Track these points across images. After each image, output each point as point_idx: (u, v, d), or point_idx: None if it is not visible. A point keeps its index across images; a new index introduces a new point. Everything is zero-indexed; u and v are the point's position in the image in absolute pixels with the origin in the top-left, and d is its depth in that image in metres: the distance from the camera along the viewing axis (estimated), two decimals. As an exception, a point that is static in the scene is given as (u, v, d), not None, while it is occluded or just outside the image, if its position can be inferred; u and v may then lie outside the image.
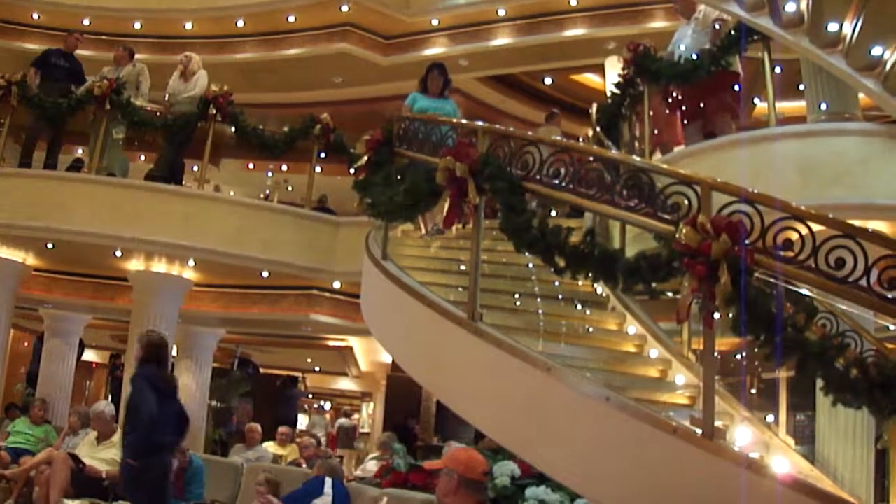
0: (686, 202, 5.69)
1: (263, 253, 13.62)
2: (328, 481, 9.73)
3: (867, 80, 8.88)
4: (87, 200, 13.23)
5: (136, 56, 15.50)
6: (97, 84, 13.83)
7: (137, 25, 20.14)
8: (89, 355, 25.02)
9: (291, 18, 19.73)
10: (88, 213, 13.12)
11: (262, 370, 25.81)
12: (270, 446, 15.37)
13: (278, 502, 9.90)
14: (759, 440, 7.48)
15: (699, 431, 5.39)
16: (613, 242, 9.27)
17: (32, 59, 15.22)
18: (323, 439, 16.45)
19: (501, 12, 18.67)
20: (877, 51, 8.63)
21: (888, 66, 8.61)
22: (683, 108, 11.21)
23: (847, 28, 8.65)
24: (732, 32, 10.41)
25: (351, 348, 23.63)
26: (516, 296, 8.78)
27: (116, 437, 11.32)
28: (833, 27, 8.81)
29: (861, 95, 9.77)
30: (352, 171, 10.12)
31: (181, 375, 17.74)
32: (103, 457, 11.07)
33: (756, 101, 14.42)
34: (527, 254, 7.06)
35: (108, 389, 24.71)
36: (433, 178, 7.40)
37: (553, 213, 11.26)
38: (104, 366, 27.23)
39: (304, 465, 13.41)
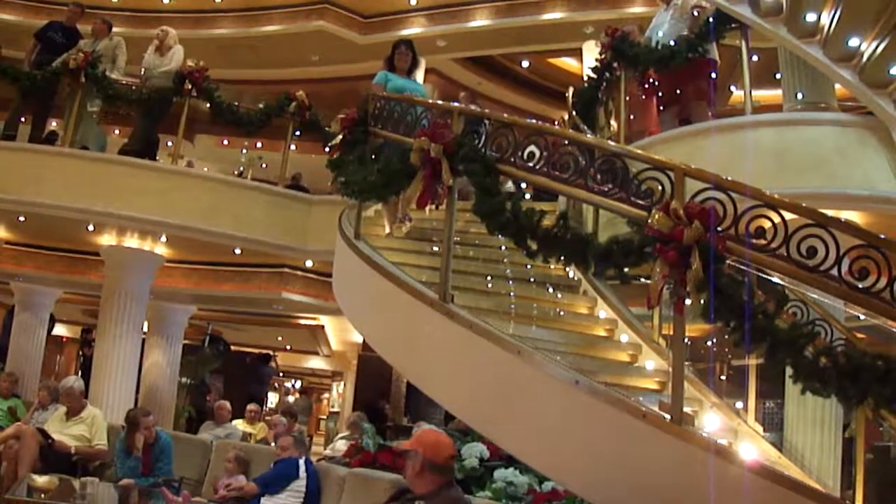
0: (660, 188, 5.70)
1: (236, 230, 13.55)
2: (302, 463, 9.69)
3: (844, 70, 8.94)
4: (59, 174, 13.12)
5: (114, 29, 15.39)
6: (72, 57, 13.74)
7: (115, -1, 20.05)
8: (60, 330, 25.05)
9: (269, -6, 19.69)
10: (61, 186, 13.01)
11: (232, 348, 25.79)
12: (240, 424, 15.37)
13: (245, 480, 9.88)
14: (728, 426, 7.51)
15: (668, 417, 5.40)
16: (586, 226, 9.29)
17: (7, 29, 15.10)
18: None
19: (480, -7, 18.68)
20: (854, 42, 8.67)
21: (865, 58, 8.65)
22: (660, 94, 11.23)
23: (825, 18, 8.69)
24: (710, 20, 10.43)
25: (322, 327, 23.68)
26: (488, 278, 8.79)
27: (86, 412, 11.30)
28: (811, 17, 8.85)
29: (837, 85, 9.80)
30: (327, 149, 10.07)
31: (151, 351, 17.77)
32: (72, 432, 11.03)
33: (732, 88, 14.47)
34: (499, 236, 7.06)
35: (78, 364, 24.64)
36: (407, 158, 7.39)
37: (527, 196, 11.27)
38: (75, 340, 27.16)
39: (273, 444, 13.42)
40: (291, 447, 9.90)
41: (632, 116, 11.38)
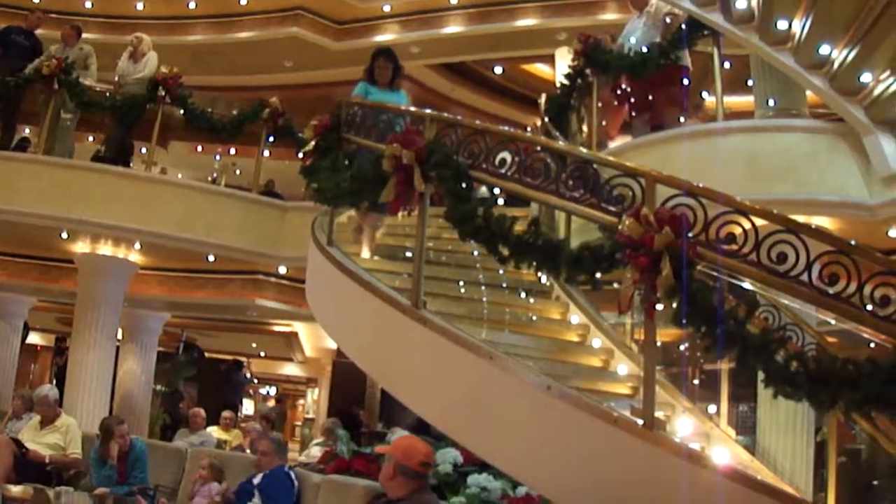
0: (631, 194, 5.72)
1: (209, 236, 13.55)
2: (289, 471, 9.51)
3: (815, 77, 8.99)
4: (33, 181, 13.08)
5: (87, 36, 15.34)
6: (45, 63, 13.71)
7: (88, 5, 19.99)
8: (34, 338, 24.92)
9: (243, 1, 19.65)
10: (34, 193, 12.97)
11: (207, 354, 25.73)
12: (214, 431, 15.33)
13: (218, 486, 9.84)
14: (701, 431, 7.56)
15: (640, 421, 5.42)
16: (558, 232, 9.31)
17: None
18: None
19: (453, 0, 18.66)
20: (825, 49, 8.71)
21: (836, 65, 8.70)
22: (632, 100, 11.27)
23: (796, 26, 8.73)
24: (683, 27, 10.48)
25: (296, 334, 23.65)
26: (461, 283, 8.81)
27: (60, 421, 11.25)
28: (782, 25, 8.88)
29: (808, 92, 9.85)
30: (300, 155, 10.04)
31: (126, 359, 17.70)
32: (46, 441, 10.98)
33: (704, 95, 14.51)
34: (472, 242, 7.06)
35: (52, 373, 24.54)
36: (380, 164, 7.39)
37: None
38: (49, 349, 27.05)
39: (248, 451, 13.39)
40: (272, 453, 9.54)
41: (604, 122, 11.42)
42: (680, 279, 5.16)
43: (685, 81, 10.87)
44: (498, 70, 21.80)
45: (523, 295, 9.17)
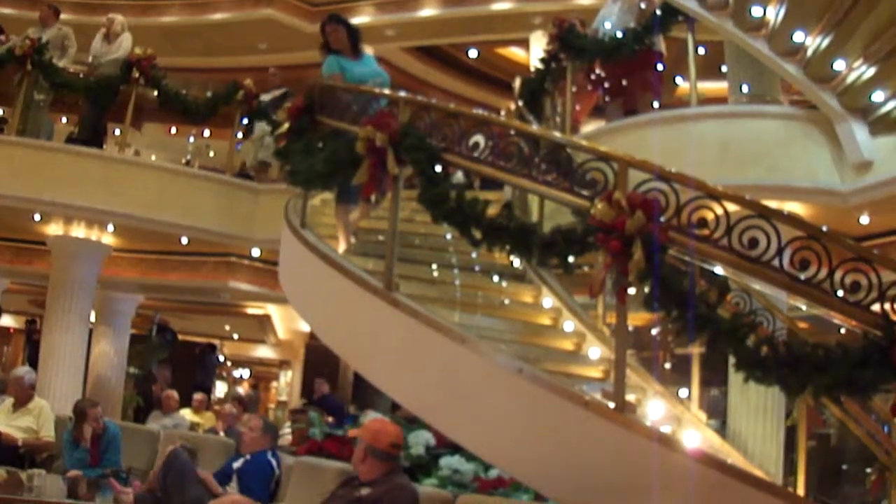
0: (603, 178, 5.74)
1: (183, 219, 13.52)
2: (272, 458, 9.35)
3: (789, 65, 9.04)
4: (5, 162, 12.99)
5: (61, 16, 15.27)
6: (18, 44, 13.63)
7: (62, -15, 19.89)
8: (6, 320, 24.84)
9: (218, -18, 19.61)
10: (7, 175, 12.88)
11: (180, 337, 25.67)
12: (188, 413, 15.32)
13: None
14: (672, 414, 7.58)
15: (611, 404, 5.43)
16: (531, 216, 9.32)
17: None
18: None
19: (429, -17, 18.68)
20: (799, 36, 8.75)
21: (809, 52, 8.74)
22: (606, 85, 11.29)
23: (770, 13, 8.77)
24: (657, 12, 10.50)
25: (269, 316, 23.60)
26: (433, 266, 8.81)
27: (33, 403, 11.21)
28: (757, 11, 8.93)
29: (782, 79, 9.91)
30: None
31: (99, 341, 17.64)
32: (19, 424, 10.93)
33: (678, 80, 14.56)
34: (445, 225, 7.07)
35: (25, 355, 24.46)
36: (353, 147, 7.37)
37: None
38: (21, 331, 26.95)
39: (222, 433, 13.38)
40: (259, 432, 9.34)
41: (577, 107, 11.44)
42: (651, 263, 5.18)
43: (659, 67, 10.90)
44: (473, 53, 21.79)
45: (496, 278, 9.18)
